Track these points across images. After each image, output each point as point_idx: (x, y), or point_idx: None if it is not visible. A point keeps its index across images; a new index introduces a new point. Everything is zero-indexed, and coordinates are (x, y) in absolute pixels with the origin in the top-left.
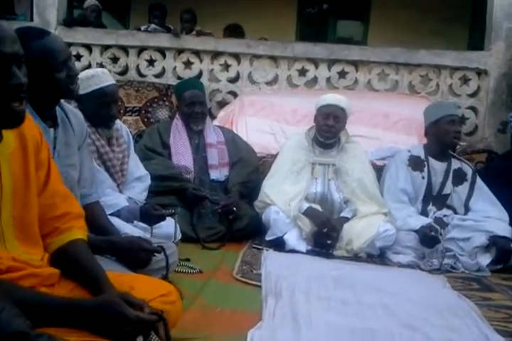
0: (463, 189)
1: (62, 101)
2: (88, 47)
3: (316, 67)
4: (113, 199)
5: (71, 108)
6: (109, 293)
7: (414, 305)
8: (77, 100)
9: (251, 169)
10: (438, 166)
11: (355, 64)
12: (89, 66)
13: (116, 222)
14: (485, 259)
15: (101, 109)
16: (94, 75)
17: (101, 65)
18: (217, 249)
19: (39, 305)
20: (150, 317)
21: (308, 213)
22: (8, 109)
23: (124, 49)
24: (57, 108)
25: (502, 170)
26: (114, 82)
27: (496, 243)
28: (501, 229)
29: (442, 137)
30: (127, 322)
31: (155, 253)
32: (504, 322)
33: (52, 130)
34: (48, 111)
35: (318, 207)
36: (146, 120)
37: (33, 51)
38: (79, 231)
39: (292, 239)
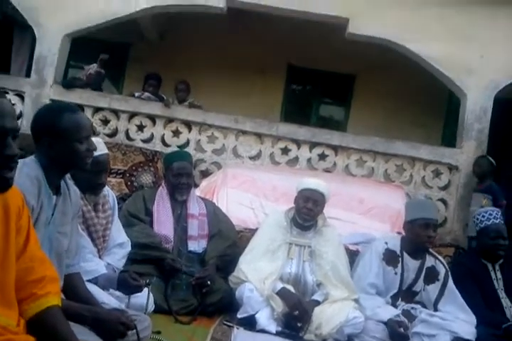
0: (434, 288)
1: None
2: (81, 108)
3: (299, 147)
4: (92, 265)
5: (71, 183)
6: None
7: None
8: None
9: (229, 243)
10: (411, 263)
11: (335, 148)
12: None
13: (93, 289)
14: None
15: (92, 176)
16: None
17: (91, 126)
18: (188, 323)
19: None
20: None
21: (281, 294)
22: None
23: (116, 113)
24: (62, 180)
25: (469, 268)
26: (107, 152)
27: None
28: (466, 331)
29: (414, 238)
30: None
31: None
32: None
33: (55, 197)
34: (56, 179)
35: (291, 287)
36: (129, 183)
37: (66, 122)
38: (54, 297)
39: (263, 318)
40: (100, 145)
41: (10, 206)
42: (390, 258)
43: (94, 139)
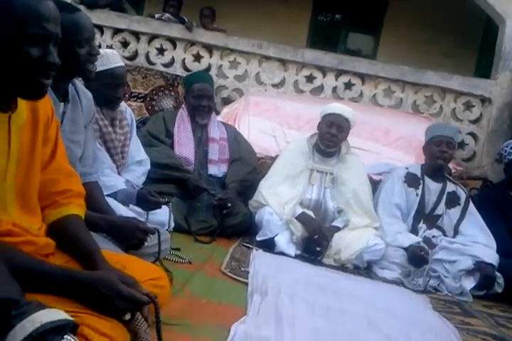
0: (455, 212)
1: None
2: (100, 29)
3: (324, 75)
4: (111, 180)
5: (83, 87)
6: (103, 269)
7: (397, 321)
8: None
9: (250, 169)
10: (433, 186)
11: (363, 77)
12: (98, 47)
13: (112, 203)
14: (469, 283)
15: (108, 90)
16: (103, 55)
17: (111, 48)
18: (208, 243)
19: (35, 270)
20: (142, 296)
21: (301, 218)
22: (36, 82)
23: (136, 35)
24: (70, 85)
25: (494, 200)
26: (123, 65)
27: (481, 269)
28: (488, 255)
29: (429, 157)
30: (120, 297)
31: (149, 235)
32: None
33: (62, 104)
34: (61, 86)
35: (311, 213)
36: (150, 107)
37: (62, 23)
38: (77, 208)
39: (283, 241)
40: (115, 58)
41: (39, 115)
42: (412, 180)
43: (109, 51)
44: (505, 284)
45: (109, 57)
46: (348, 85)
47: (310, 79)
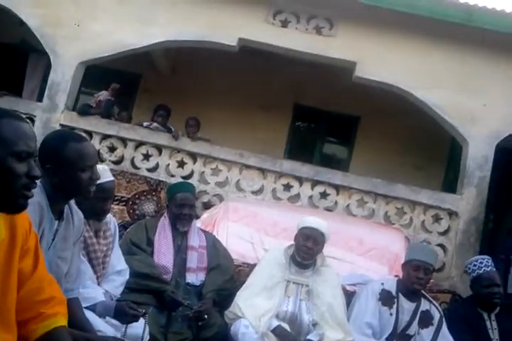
0: (427, 332)
1: None
2: (89, 134)
3: (301, 184)
4: (91, 292)
5: (75, 207)
6: None
7: None
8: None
9: (227, 277)
10: (407, 305)
11: (337, 187)
12: None
13: (90, 316)
14: None
15: (97, 203)
16: None
17: (98, 152)
18: None
19: None
20: None
21: (277, 332)
22: (22, 195)
23: (123, 141)
24: (66, 205)
25: (463, 315)
26: (113, 179)
27: None
28: None
29: (406, 278)
30: None
31: None
32: None
33: (56, 222)
34: (59, 205)
35: (287, 326)
36: (131, 211)
37: (70, 151)
38: (63, 319)
39: None
40: (106, 173)
41: (17, 230)
42: (386, 298)
43: (100, 166)
44: None
45: (101, 172)
46: (324, 195)
47: (287, 187)
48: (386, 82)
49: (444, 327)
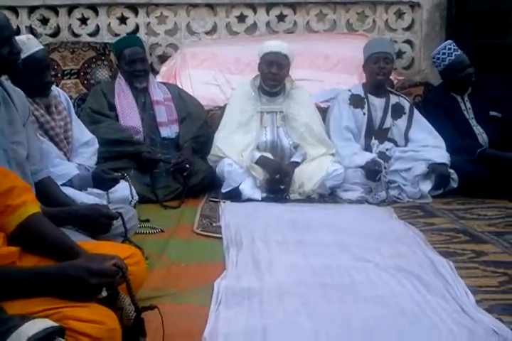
0: (402, 122)
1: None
2: (14, 10)
3: (255, 12)
4: (63, 169)
5: (12, 85)
6: (82, 256)
7: (365, 239)
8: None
9: (200, 123)
10: (377, 102)
11: (293, 6)
12: (17, 30)
13: (69, 191)
14: (426, 186)
15: (34, 77)
16: (20, 43)
17: (30, 28)
18: (178, 207)
19: (4, 279)
20: (111, 267)
21: (260, 162)
22: None
23: (53, 9)
24: None
25: (437, 102)
26: (43, 47)
27: (434, 170)
28: (439, 156)
29: (369, 75)
30: (91, 274)
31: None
32: (445, 243)
33: None
34: None
35: (269, 154)
36: (85, 82)
37: None
38: (33, 205)
39: (247, 188)
40: (32, 42)
41: None
42: (357, 101)
43: (23, 37)
44: (459, 178)
45: (26, 43)
46: (281, 17)
47: (242, 18)
48: None
49: (416, 113)
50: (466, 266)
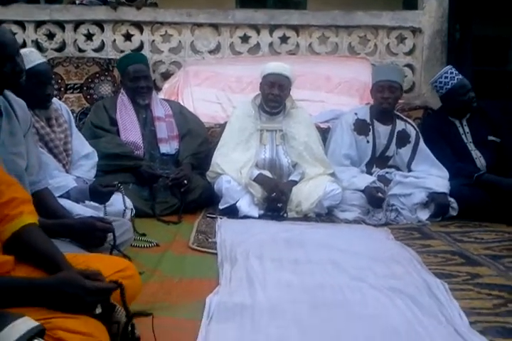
0: (406, 151)
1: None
2: (21, 24)
3: (258, 33)
4: (61, 181)
5: (14, 96)
6: (66, 270)
7: (360, 258)
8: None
9: (200, 140)
10: (382, 129)
11: (296, 28)
12: (24, 44)
13: (66, 203)
14: (424, 214)
15: (36, 89)
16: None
17: (36, 43)
18: (179, 222)
19: None
20: (108, 285)
21: (259, 180)
22: None
23: (60, 24)
24: (1, 97)
25: (436, 126)
26: (45, 60)
27: (434, 199)
28: (440, 185)
29: (375, 101)
30: (87, 292)
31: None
32: (441, 265)
33: None
34: None
35: (267, 172)
36: (88, 97)
37: None
38: (30, 216)
39: (245, 205)
40: (34, 55)
41: None
42: (361, 127)
43: (26, 50)
44: (459, 206)
45: (28, 56)
46: (284, 39)
47: (245, 39)
48: None
49: (422, 143)
50: (461, 287)
